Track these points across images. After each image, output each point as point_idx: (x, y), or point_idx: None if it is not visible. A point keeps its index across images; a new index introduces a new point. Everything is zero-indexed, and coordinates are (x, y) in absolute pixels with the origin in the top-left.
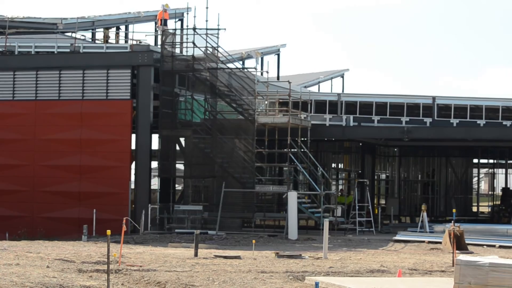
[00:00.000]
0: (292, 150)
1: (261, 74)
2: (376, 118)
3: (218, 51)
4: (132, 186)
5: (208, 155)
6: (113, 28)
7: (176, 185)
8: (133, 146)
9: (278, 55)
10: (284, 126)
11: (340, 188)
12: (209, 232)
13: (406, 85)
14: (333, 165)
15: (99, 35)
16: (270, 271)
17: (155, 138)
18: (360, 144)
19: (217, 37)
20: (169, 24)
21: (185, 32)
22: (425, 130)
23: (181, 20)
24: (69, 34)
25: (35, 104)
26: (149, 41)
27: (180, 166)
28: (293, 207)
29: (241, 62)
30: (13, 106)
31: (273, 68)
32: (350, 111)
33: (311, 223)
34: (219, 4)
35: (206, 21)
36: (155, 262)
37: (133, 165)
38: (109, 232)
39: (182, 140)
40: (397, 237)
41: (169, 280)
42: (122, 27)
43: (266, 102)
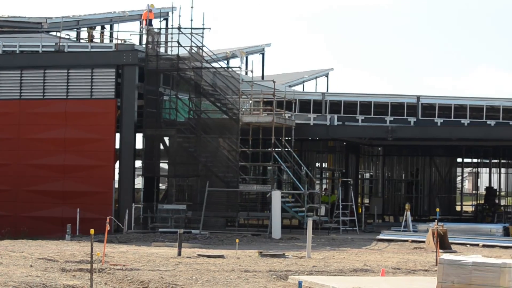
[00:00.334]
0: (276, 150)
1: (246, 74)
2: (360, 118)
3: (203, 51)
4: (116, 185)
5: (192, 154)
6: (98, 28)
7: (160, 184)
8: (117, 145)
9: (263, 55)
10: (268, 126)
11: (324, 187)
12: (193, 231)
13: (391, 85)
14: (317, 165)
15: (84, 35)
16: (254, 270)
17: (139, 137)
18: (344, 144)
19: (202, 37)
20: (154, 24)
21: (170, 32)
22: (409, 130)
23: (166, 20)
24: (54, 34)
25: (19, 103)
26: (134, 41)
27: (164, 165)
28: (277, 206)
29: (226, 62)
30: None
31: (258, 68)
32: (335, 111)
33: (295, 222)
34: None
35: (191, 21)
36: (139, 261)
37: (117, 164)
38: (93, 231)
39: (166, 139)
40: (381, 236)
41: (153, 279)
42: (107, 27)
43: (251, 102)
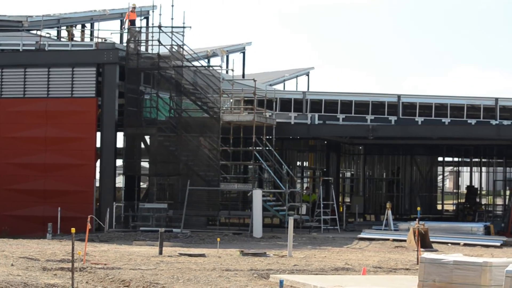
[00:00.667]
0: (257, 148)
1: (227, 72)
2: (341, 116)
3: (184, 49)
4: (97, 184)
5: (173, 153)
6: (79, 26)
7: (141, 183)
8: (98, 144)
9: (244, 53)
10: (249, 124)
11: (306, 186)
12: (174, 230)
13: (372, 84)
14: (298, 163)
15: (65, 33)
16: (235, 269)
17: (120, 136)
18: (325, 142)
19: (183, 35)
20: (136, 23)
21: (151, 30)
22: (390, 128)
23: (147, 18)
24: (35, 32)
25: (0, 102)
26: (115, 39)
27: (145, 164)
28: (258, 205)
29: (207, 60)
30: None
31: (239, 66)
32: (315, 109)
33: (276, 221)
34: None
35: (172, 19)
36: (120, 260)
37: (98, 163)
38: (74, 230)
39: (147, 138)
40: (362, 235)
41: (134, 278)
42: (88, 25)
43: (231, 100)
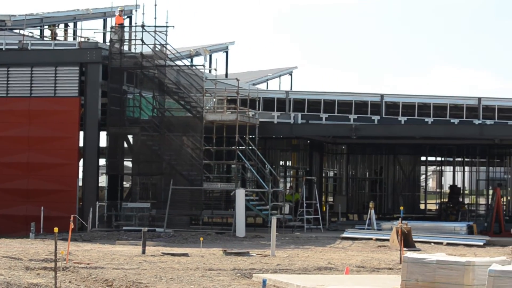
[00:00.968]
0: (240, 148)
1: (210, 72)
2: (324, 116)
3: (167, 49)
4: (80, 184)
5: (156, 153)
6: (62, 25)
7: (124, 183)
8: (81, 144)
9: (227, 53)
10: (232, 124)
11: (289, 186)
12: (157, 230)
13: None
14: (281, 163)
15: (48, 32)
16: (218, 269)
17: (103, 136)
18: (308, 142)
19: (166, 35)
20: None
21: (134, 30)
22: (373, 128)
23: (130, 18)
24: (17, 31)
25: None
26: (98, 38)
27: (128, 164)
28: (241, 205)
29: (190, 60)
30: None
31: (222, 66)
32: (298, 109)
33: (259, 221)
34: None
35: (155, 19)
36: (103, 260)
37: (81, 163)
38: (57, 230)
39: (130, 138)
40: (345, 235)
41: (117, 278)
42: (71, 24)
43: (214, 100)
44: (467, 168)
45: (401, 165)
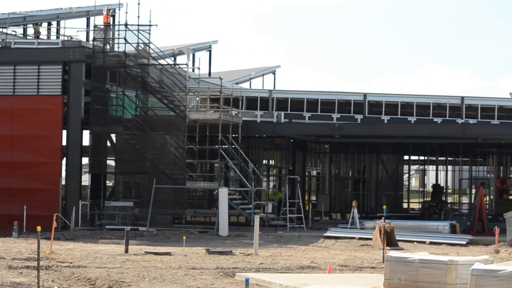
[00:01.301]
0: (223, 147)
1: (193, 71)
2: (307, 115)
3: (150, 47)
4: (63, 182)
5: (139, 151)
6: (45, 24)
7: (107, 181)
8: (64, 142)
9: (210, 52)
10: (215, 123)
11: (273, 185)
12: (140, 229)
13: (338, 82)
14: (264, 162)
15: (31, 31)
16: (201, 268)
17: (86, 134)
18: (291, 141)
19: (149, 33)
20: (101, 20)
21: (117, 28)
22: (356, 127)
23: (113, 16)
24: (0, 30)
25: None
26: (81, 37)
27: (111, 162)
28: (224, 204)
29: (173, 58)
30: None
31: (205, 65)
32: (281, 108)
33: (242, 220)
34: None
35: (138, 17)
36: (86, 259)
37: (64, 161)
38: (39, 229)
39: (113, 136)
40: (328, 234)
41: (100, 277)
42: (54, 23)
43: (197, 99)
44: (450, 167)
45: (384, 164)
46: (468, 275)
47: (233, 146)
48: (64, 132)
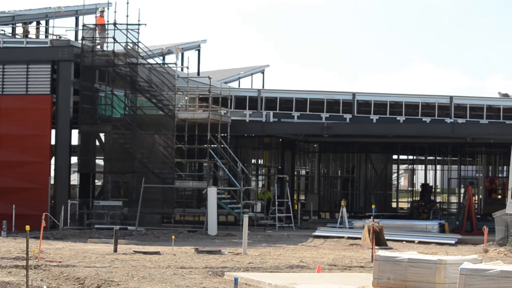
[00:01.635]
0: (212, 146)
1: (182, 70)
2: (296, 114)
3: (139, 47)
4: (52, 182)
5: (128, 151)
6: (34, 23)
7: (96, 181)
8: (53, 142)
9: (199, 51)
10: (204, 122)
11: (262, 184)
12: (129, 228)
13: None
14: (253, 161)
15: (19, 30)
16: (190, 267)
17: (75, 134)
18: (280, 140)
19: (138, 33)
20: (90, 19)
21: (106, 27)
22: (345, 126)
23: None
24: None
25: None
26: (70, 36)
27: (100, 162)
28: (213, 203)
29: (162, 58)
30: None
31: (194, 64)
32: (270, 107)
33: (231, 219)
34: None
35: (127, 16)
36: (75, 258)
37: (53, 161)
38: (28, 228)
39: (102, 136)
40: (317, 233)
41: (88, 276)
42: (43, 22)
43: (186, 98)
44: (439, 167)
45: (373, 164)
46: (457, 275)
47: (222, 146)
48: (53, 131)
